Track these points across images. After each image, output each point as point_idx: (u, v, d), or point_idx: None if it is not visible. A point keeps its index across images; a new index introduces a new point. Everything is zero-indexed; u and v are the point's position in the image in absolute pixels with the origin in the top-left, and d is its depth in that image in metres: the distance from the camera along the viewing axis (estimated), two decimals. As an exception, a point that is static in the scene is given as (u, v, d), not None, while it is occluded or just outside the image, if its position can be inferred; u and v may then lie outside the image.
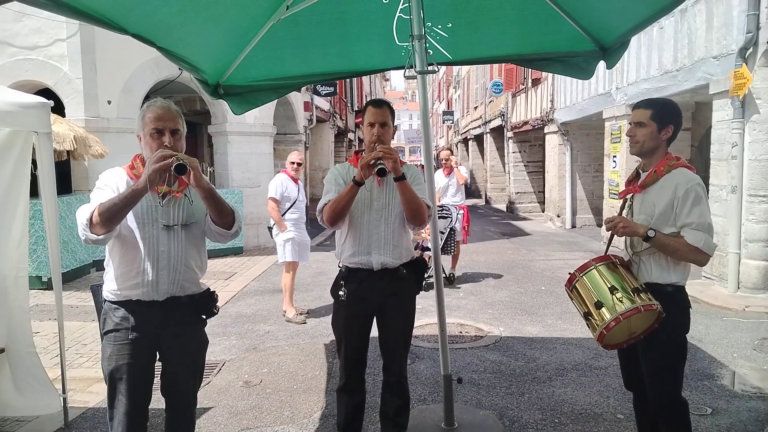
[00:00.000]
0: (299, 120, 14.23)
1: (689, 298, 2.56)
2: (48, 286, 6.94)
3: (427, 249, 6.84)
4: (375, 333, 2.90)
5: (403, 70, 3.20)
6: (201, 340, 2.51)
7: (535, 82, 15.68)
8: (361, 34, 3.36)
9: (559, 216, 14.35)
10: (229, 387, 4.21)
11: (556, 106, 14.05)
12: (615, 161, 10.74)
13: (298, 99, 13.96)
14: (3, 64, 8.54)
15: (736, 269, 6.69)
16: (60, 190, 3.90)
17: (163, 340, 2.36)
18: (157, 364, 2.43)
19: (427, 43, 3.09)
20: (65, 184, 8.67)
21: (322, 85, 14.88)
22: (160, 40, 2.58)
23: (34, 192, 3.47)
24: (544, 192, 16.75)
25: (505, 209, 19.67)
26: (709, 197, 3.94)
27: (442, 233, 7.13)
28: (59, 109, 8.03)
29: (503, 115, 19.47)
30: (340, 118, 20.50)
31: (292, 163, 6.05)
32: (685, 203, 2.39)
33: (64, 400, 3.53)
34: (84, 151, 7.35)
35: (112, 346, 2.31)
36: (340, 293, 2.82)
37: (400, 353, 2.90)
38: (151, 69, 9.29)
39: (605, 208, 11.47)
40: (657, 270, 2.49)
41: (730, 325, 5.60)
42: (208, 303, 2.46)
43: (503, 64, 16.54)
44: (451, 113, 34.02)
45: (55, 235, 3.44)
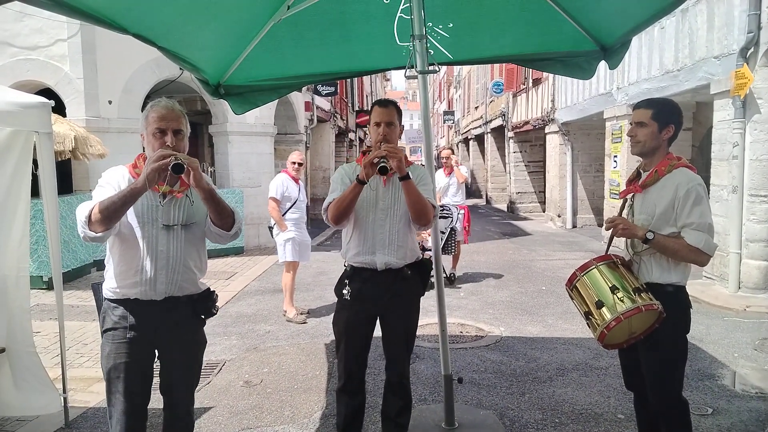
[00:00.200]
0: (300, 120, 14.24)
1: (690, 298, 2.56)
2: (49, 285, 6.95)
3: (428, 249, 6.84)
4: (378, 333, 2.90)
5: (404, 70, 3.20)
6: (199, 340, 2.51)
7: (536, 82, 15.68)
8: (362, 34, 3.36)
9: (559, 216, 14.35)
10: (229, 387, 4.21)
11: (557, 106, 14.04)
12: (616, 161, 10.74)
13: (298, 99, 13.96)
14: (4, 64, 8.55)
15: (737, 269, 6.69)
16: (61, 189, 3.90)
17: (161, 339, 2.36)
18: (157, 363, 2.43)
19: (428, 43, 3.09)
20: (66, 184, 8.69)
21: (322, 85, 14.87)
22: (160, 40, 2.58)
23: (35, 192, 3.47)
24: (544, 192, 16.75)
25: (505, 209, 19.68)
26: (710, 197, 3.94)
27: (443, 233, 7.13)
28: (60, 109, 8.05)
29: (504, 115, 19.48)
30: (341, 118, 20.50)
31: (293, 163, 6.05)
32: (685, 203, 2.39)
33: (65, 399, 3.53)
34: (85, 151, 7.35)
35: (110, 345, 2.31)
36: (344, 292, 2.82)
37: (402, 354, 2.89)
38: (151, 69, 9.30)
39: (606, 208, 11.46)
40: (657, 270, 2.49)
41: (731, 325, 5.60)
42: (206, 303, 2.46)
43: (504, 64, 16.55)
44: (451, 113, 34.02)
45: (56, 234, 3.45)
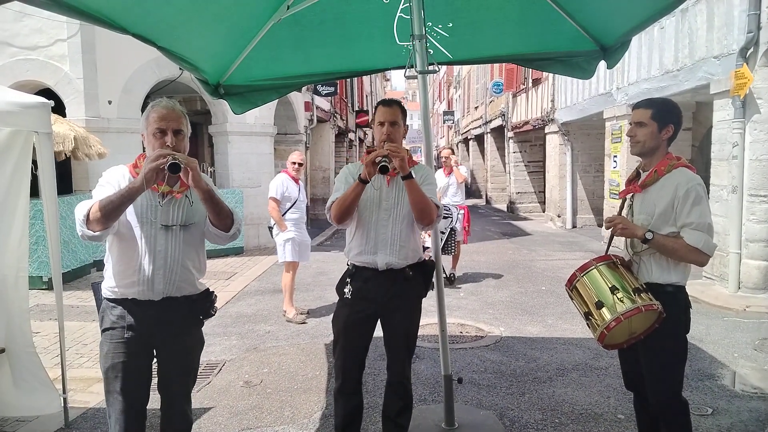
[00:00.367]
0: (300, 120, 14.23)
1: (690, 298, 2.56)
2: (48, 286, 6.94)
3: (427, 248, 6.83)
4: (379, 333, 2.90)
5: (404, 70, 3.20)
6: (196, 341, 2.50)
7: (536, 82, 15.68)
8: (362, 33, 3.35)
9: (559, 216, 14.35)
10: (229, 387, 4.21)
11: (557, 106, 14.04)
12: (615, 161, 10.74)
13: (298, 99, 13.96)
14: (3, 64, 8.54)
15: (737, 269, 6.69)
16: (60, 190, 3.90)
17: (159, 339, 2.36)
18: (155, 363, 2.43)
19: (428, 43, 3.09)
20: (66, 184, 8.68)
21: (322, 85, 14.87)
22: (160, 40, 2.58)
23: (35, 192, 3.47)
24: (544, 192, 16.75)
25: (505, 209, 19.67)
26: (709, 197, 3.94)
27: (443, 233, 7.13)
28: (60, 109, 8.04)
29: (504, 115, 19.47)
30: (341, 118, 20.49)
31: (293, 163, 6.05)
32: (685, 203, 2.39)
33: (65, 400, 3.53)
34: (84, 151, 7.35)
35: (108, 344, 2.31)
36: (345, 291, 2.82)
37: (402, 355, 2.89)
38: (151, 69, 9.29)
39: (606, 208, 11.47)
40: (657, 270, 2.48)
41: (731, 325, 5.59)
42: (205, 304, 2.45)
43: (504, 64, 16.55)
44: (451, 113, 34.02)
45: (56, 235, 3.44)
